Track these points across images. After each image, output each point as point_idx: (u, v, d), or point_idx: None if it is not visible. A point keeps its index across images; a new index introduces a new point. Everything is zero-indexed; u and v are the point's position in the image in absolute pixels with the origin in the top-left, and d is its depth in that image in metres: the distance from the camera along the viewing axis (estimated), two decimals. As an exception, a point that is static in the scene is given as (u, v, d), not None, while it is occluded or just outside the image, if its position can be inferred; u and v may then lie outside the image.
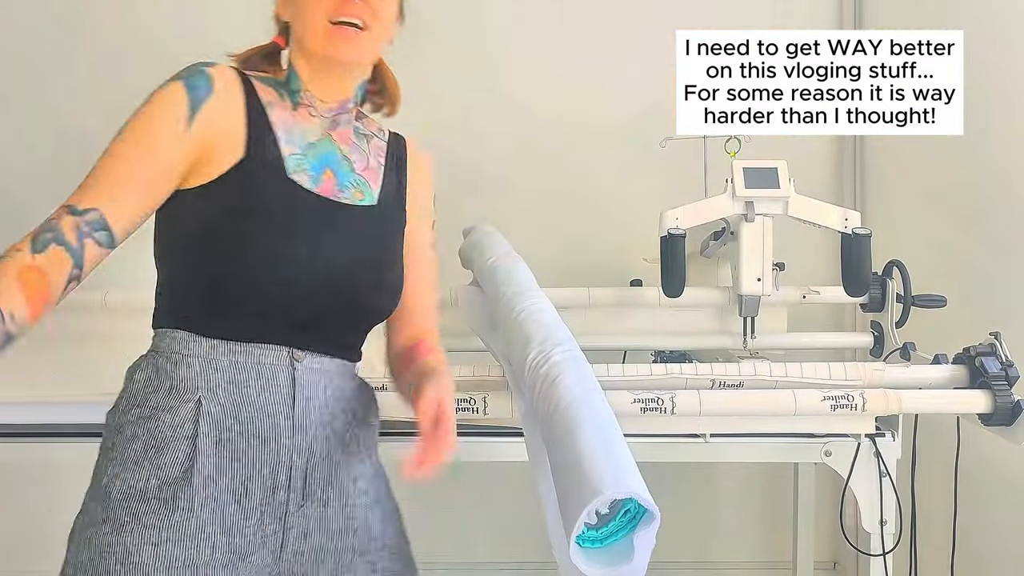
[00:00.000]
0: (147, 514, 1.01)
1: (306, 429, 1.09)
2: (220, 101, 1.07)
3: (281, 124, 1.11)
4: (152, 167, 1.03)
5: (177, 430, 1.04)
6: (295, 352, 1.10)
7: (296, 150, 1.12)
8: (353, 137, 1.20)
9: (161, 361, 1.08)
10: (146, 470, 1.03)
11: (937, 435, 1.76)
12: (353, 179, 1.17)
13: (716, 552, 2.55)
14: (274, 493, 1.08)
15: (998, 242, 1.96)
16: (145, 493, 1.02)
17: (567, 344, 1.26)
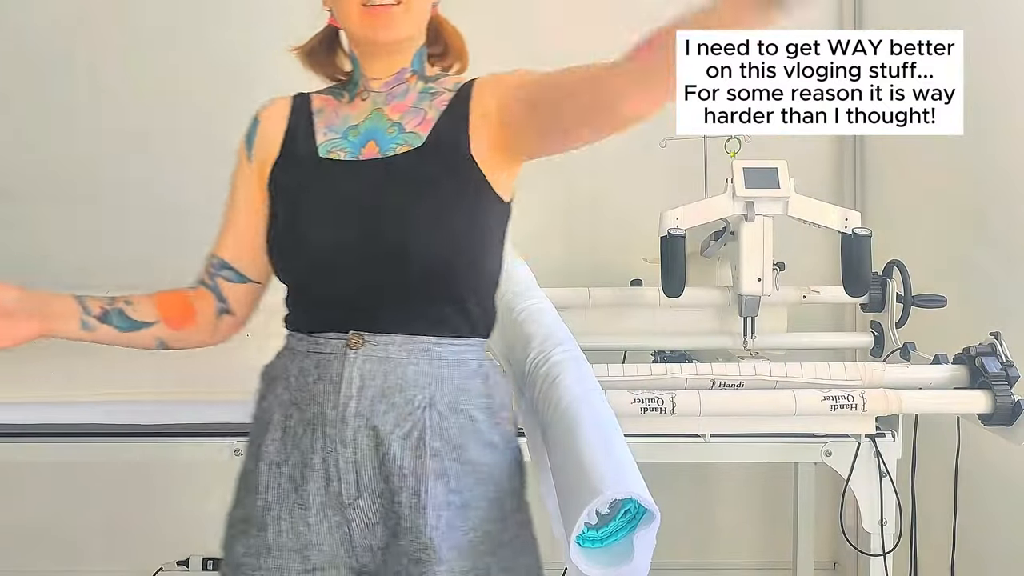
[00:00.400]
0: (242, 491, 1.12)
1: (349, 421, 1.06)
2: (265, 126, 1.17)
3: (325, 122, 1.16)
4: (241, 209, 1.18)
5: (264, 414, 1.12)
6: (353, 338, 1.07)
7: (335, 135, 1.15)
8: (414, 102, 1.15)
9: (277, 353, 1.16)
10: (249, 451, 1.14)
11: (937, 435, 1.76)
12: (402, 138, 1.12)
13: (716, 552, 2.55)
14: (328, 483, 1.07)
15: (998, 242, 1.96)
16: (246, 473, 1.13)
17: (567, 344, 1.26)
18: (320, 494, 1.07)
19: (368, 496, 1.07)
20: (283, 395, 1.11)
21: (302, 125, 1.17)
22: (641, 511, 0.97)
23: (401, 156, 1.10)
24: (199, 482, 2.19)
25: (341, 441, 1.06)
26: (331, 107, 1.18)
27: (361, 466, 1.07)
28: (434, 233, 1.06)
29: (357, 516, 1.08)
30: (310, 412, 1.08)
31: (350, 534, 1.08)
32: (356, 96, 1.17)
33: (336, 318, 1.09)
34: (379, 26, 1.09)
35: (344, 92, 1.19)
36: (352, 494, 1.07)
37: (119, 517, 2.44)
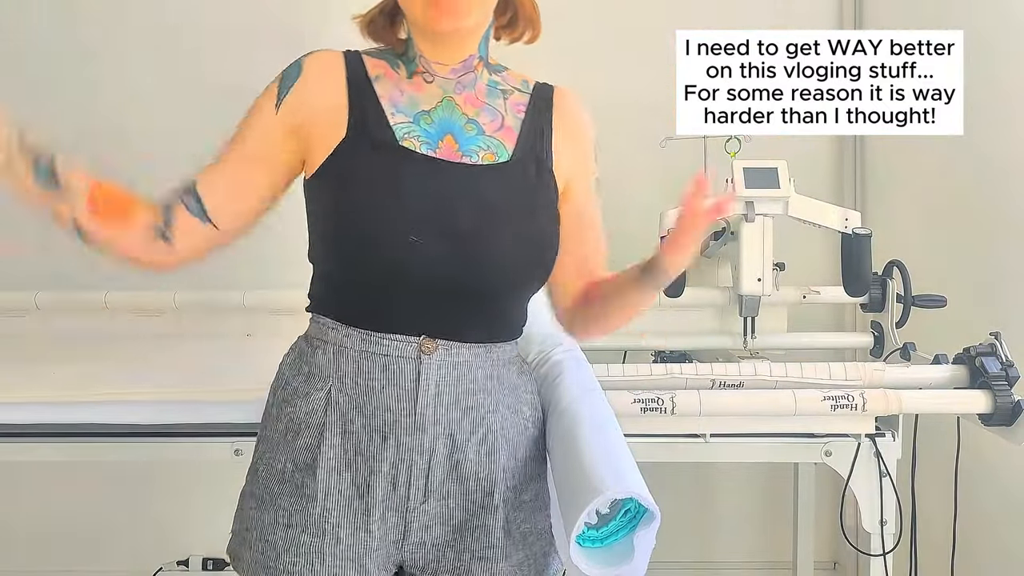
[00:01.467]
0: (282, 496, 1.05)
1: (427, 429, 1.04)
2: (311, 83, 1.06)
3: (388, 95, 1.06)
4: (242, 155, 1.07)
5: (310, 417, 1.05)
6: (426, 343, 1.03)
7: (406, 118, 1.06)
8: (485, 97, 1.10)
9: (304, 345, 1.09)
10: (284, 452, 1.06)
11: (937, 435, 1.76)
12: (483, 142, 1.07)
13: (716, 552, 2.55)
14: (395, 489, 1.05)
15: (998, 242, 1.96)
16: (283, 475, 1.05)
17: (567, 344, 1.26)
18: (386, 499, 1.05)
19: (436, 499, 1.06)
20: (337, 397, 1.04)
21: (365, 94, 1.06)
22: (641, 511, 0.97)
23: (491, 167, 1.06)
24: (199, 482, 2.20)
25: (418, 449, 1.04)
26: (391, 79, 1.08)
27: (433, 471, 1.05)
28: (520, 252, 1.05)
29: (419, 518, 1.06)
30: (380, 419, 1.03)
31: (405, 533, 1.06)
32: (416, 74, 1.08)
33: (406, 320, 1.03)
34: (444, 15, 1.01)
35: (400, 63, 1.09)
36: (419, 498, 1.05)
37: (119, 517, 2.44)
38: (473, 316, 1.06)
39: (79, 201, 1.01)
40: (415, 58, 1.08)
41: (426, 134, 1.05)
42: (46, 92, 2.45)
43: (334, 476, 1.04)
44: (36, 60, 2.46)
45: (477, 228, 1.02)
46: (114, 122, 2.42)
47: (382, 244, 1.00)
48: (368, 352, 1.03)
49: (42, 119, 0.96)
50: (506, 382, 1.09)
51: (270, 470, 1.06)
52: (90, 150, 1.07)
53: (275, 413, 1.09)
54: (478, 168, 1.05)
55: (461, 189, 1.04)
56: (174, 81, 2.39)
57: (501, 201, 1.05)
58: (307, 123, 1.05)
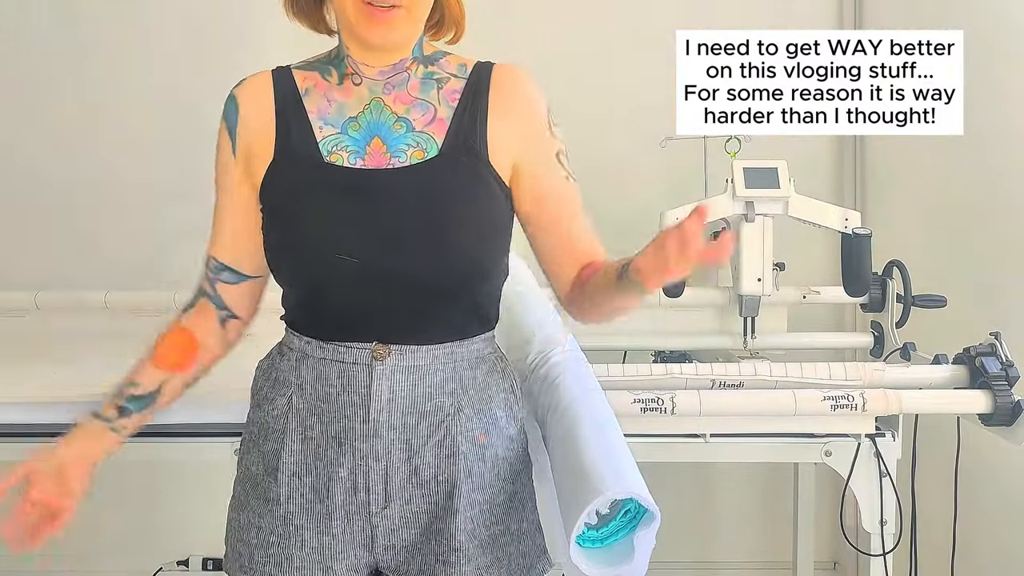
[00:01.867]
0: (254, 497, 1.08)
1: (382, 435, 1.04)
2: (247, 116, 1.07)
3: (317, 109, 1.06)
4: (231, 205, 1.10)
5: (275, 421, 1.08)
6: (378, 349, 1.03)
7: (334, 130, 1.05)
8: (418, 92, 1.07)
9: (275, 352, 1.12)
10: (255, 455, 1.09)
11: (937, 435, 1.76)
12: (411, 139, 1.05)
13: (716, 552, 2.55)
14: (355, 494, 1.05)
15: (998, 242, 1.96)
16: (255, 477, 1.09)
17: (567, 344, 1.26)
18: (346, 504, 1.05)
19: (397, 503, 1.06)
20: (298, 403, 1.06)
21: (293, 114, 1.05)
22: (641, 511, 0.97)
23: (417, 167, 1.03)
24: (199, 482, 2.19)
25: (373, 455, 1.04)
26: (320, 89, 1.07)
27: (392, 476, 1.05)
28: (459, 249, 1.03)
29: (383, 522, 1.06)
30: (336, 425, 1.05)
31: (373, 538, 1.07)
32: (346, 77, 1.07)
33: (357, 328, 1.04)
34: (376, 28, 0.99)
35: (331, 69, 1.08)
36: (380, 503, 1.06)
37: (119, 517, 2.44)
38: (420, 319, 1.05)
39: (171, 381, 1.15)
40: (344, 58, 1.06)
41: (353, 142, 1.04)
42: (45, 92, 2.46)
43: (295, 480, 1.06)
44: (34, 59, 2.47)
45: (401, 235, 1.01)
46: (112, 123, 2.43)
47: (311, 263, 1.03)
48: (326, 359, 1.05)
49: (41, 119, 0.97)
50: (471, 383, 1.08)
51: (246, 472, 1.10)
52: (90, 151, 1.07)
53: (250, 417, 1.12)
54: (403, 171, 1.03)
55: (384, 197, 1.02)
56: (174, 82, 2.39)
57: (428, 201, 1.02)
58: (250, 153, 1.07)
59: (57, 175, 2.47)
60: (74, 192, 2.47)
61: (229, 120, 1.08)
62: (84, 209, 2.46)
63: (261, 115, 1.07)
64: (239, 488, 1.11)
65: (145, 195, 2.42)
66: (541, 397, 1.17)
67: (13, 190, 2.45)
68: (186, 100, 2.37)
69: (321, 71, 1.09)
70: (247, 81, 1.09)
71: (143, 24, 2.44)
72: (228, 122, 1.08)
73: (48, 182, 2.47)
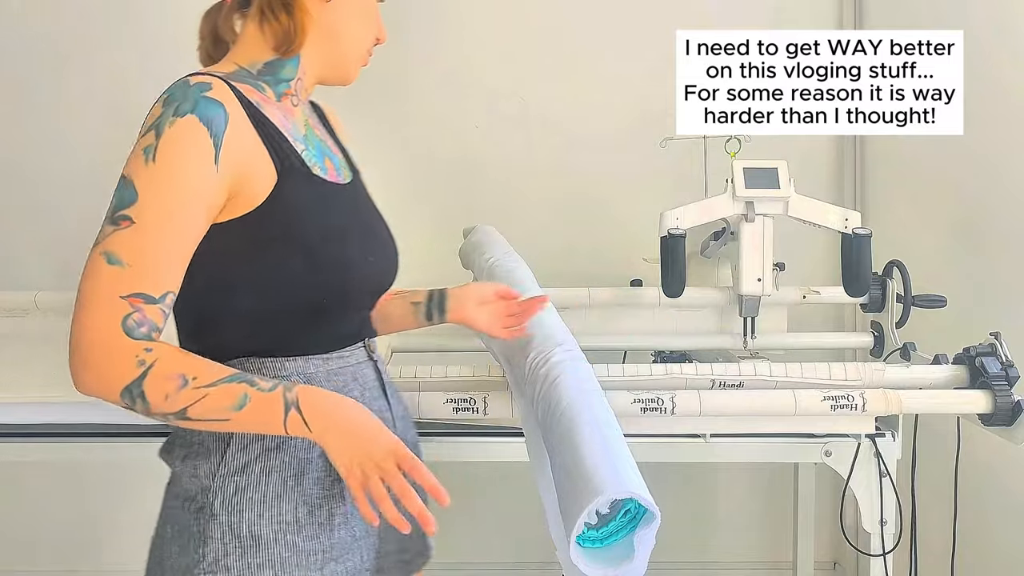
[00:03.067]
0: (306, 541, 0.99)
1: (399, 416, 1.14)
2: (236, 126, 0.96)
3: (280, 123, 1.03)
4: (198, 225, 0.93)
5: (311, 449, 1.00)
6: (369, 344, 1.12)
7: (302, 145, 1.05)
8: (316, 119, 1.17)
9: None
10: (291, 501, 0.99)
11: (937, 435, 1.76)
12: (337, 160, 1.14)
13: (716, 552, 2.55)
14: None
15: (998, 242, 1.96)
16: (298, 522, 0.99)
17: (567, 344, 1.26)
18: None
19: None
20: None
21: (268, 126, 1.00)
22: (641, 511, 0.97)
23: (356, 184, 1.15)
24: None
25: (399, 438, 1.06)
26: (267, 103, 1.03)
27: None
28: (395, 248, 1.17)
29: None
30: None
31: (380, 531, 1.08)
32: (285, 97, 1.07)
33: (354, 331, 1.10)
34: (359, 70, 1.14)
35: (263, 86, 1.05)
36: None
37: (120, 517, 2.44)
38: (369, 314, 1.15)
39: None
40: (290, 80, 1.07)
41: (316, 157, 1.07)
42: (45, 92, 2.46)
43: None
44: (35, 58, 2.47)
45: (388, 240, 1.15)
46: (113, 123, 2.43)
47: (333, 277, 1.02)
48: (333, 370, 1.05)
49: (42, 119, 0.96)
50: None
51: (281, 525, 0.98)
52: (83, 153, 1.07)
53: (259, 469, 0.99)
54: (353, 184, 1.14)
55: (364, 206, 1.14)
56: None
57: (380, 216, 1.16)
58: (243, 171, 0.96)
59: (58, 175, 2.47)
60: (75, 192, 2.47)
61: (216, 126, 0.93)
62: (85, 209, 2.46)
63: (247, 128, 0.97)
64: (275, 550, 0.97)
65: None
66: (541, 397, 1.17)
67: (13, 190, 2.46)
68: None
69: (254, 85, 1.03)
70: (221, 88, 0.96)
71: (142, 21, 2.44)
72: (214, 128, 0.93)
73: (48, 182, 2.47)
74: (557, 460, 1.06)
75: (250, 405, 0.90)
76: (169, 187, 0.91)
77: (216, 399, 0.89)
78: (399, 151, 2.42)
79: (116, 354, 0.87)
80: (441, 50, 2.41)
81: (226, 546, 0.96)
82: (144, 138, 0.92)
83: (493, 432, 1.57)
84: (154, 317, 0.90)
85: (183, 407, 0.89)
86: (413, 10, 2.40)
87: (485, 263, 1.58)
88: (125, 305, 0.88)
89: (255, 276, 0.98)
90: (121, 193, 0.91)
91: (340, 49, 1.09)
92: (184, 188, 0.91)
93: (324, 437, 0.93)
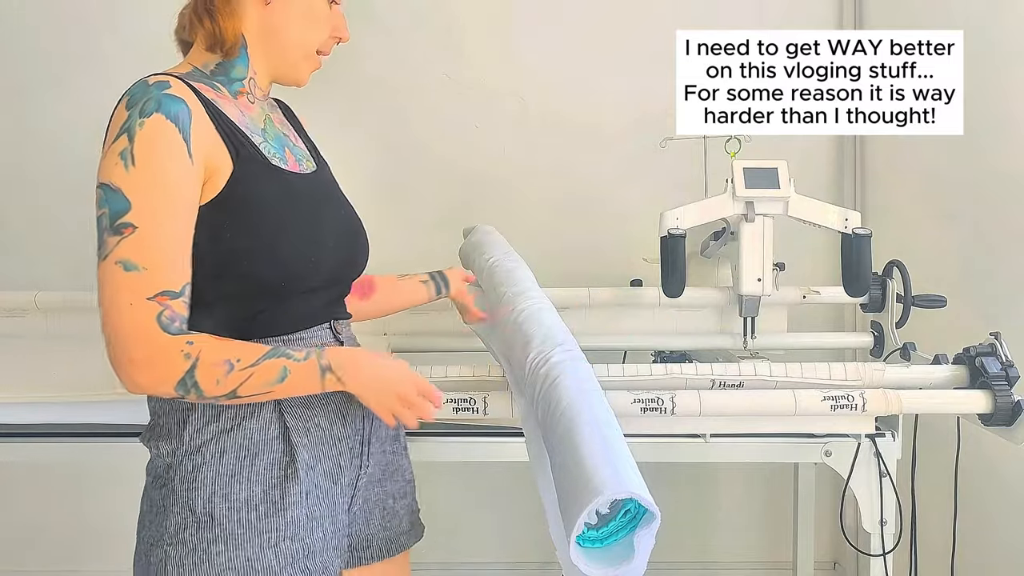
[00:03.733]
0: (260, 520, 1.04)
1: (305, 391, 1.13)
2: (197, 120, 1.02)
3: (235, 118, 1.08)
4: (189, 220, 1.01)
5: (266, 431, 1.07)
6: (336, 325, 1.17)
7: (260, 138, 1.11)
8: (280, 115, 1.24)
9: None
10: (244, 480, 1.04)
11: (937, 435, 1.76)
12: (299, 152, 1.20)
13: (716, 552, 2.55)
14: (352, 463, 1.14)
15: (998, 242, 1.96)
16: (251, 501, 1.04)
17: (567, 344, 1.26)
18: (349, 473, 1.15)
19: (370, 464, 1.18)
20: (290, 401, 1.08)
21: (223, 120, 1.06)
22: (641, 511, 0.97)
23: (319, 172, 1.20)
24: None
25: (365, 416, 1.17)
26: (223, 100, 1.09)
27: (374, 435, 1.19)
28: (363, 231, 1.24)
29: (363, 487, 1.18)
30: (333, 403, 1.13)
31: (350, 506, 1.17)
32: (240, 95, 1.13)
33: (319, 312, 1.14)
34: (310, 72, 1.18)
35: (217, 85, 1.11)
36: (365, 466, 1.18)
37: (119, 517, 2.43)
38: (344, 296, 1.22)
39: None
40: (242, 79, 1.14)
41: (275, 150, 1.13)
42: (45, 92, 2.46)
43: (310, 472, 1.09)
44: (36, 58, 2.47)
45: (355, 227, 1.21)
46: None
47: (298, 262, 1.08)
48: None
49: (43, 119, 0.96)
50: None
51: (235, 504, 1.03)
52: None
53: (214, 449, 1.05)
54: (318, 175, 1.19)
55: (327, 194, 1.19)
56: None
57: (345, 203, 1.22)
58: (208, 161, 1.02)
59: (58, 175, 2.47)
60: (75, 192, 2.47)
61: (182, 121, 0.99)
62: (85, 209, 2.46)
63: (206, 121, 1.03)
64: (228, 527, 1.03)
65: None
66: (541, 397, 1.17)
67: (14, 190, 2.46)
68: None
69: (209, 84, 1.10)
70: (180, 86, 1.02)
71: (146, 23, 2.44)
72: (181, 123, 0.99)
73: (49, 182, 2.47)
74: (557, 460, 1.07)
75: (291, 377, 1.01)
76: (155, 186, 0.97)
77: (261, 376, 0.99)
78: (399, 151, 2.42)
79: (162, 353, 0.96)
80: (441, 50, 2.41)
81: (184, 520, 1.03)
82: (116, 143, 0.97)
83: (493, 432, 1.57)
84: (180, 310, 0.98)
85: (233, 388, 0.99)
86: (413, 10, 2.41)
87: (485, 263, 1.58)
88: (154, 305, 0.96)
89: (216, 260, 1.02)
90: (110, 202, 0.96)
91: (284, 50, 1.14)
92: (169, 184, 0.97)
93: (359, 389, 1.06)
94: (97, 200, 0.98)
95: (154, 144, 0.97)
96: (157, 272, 0.96)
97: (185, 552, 1.02)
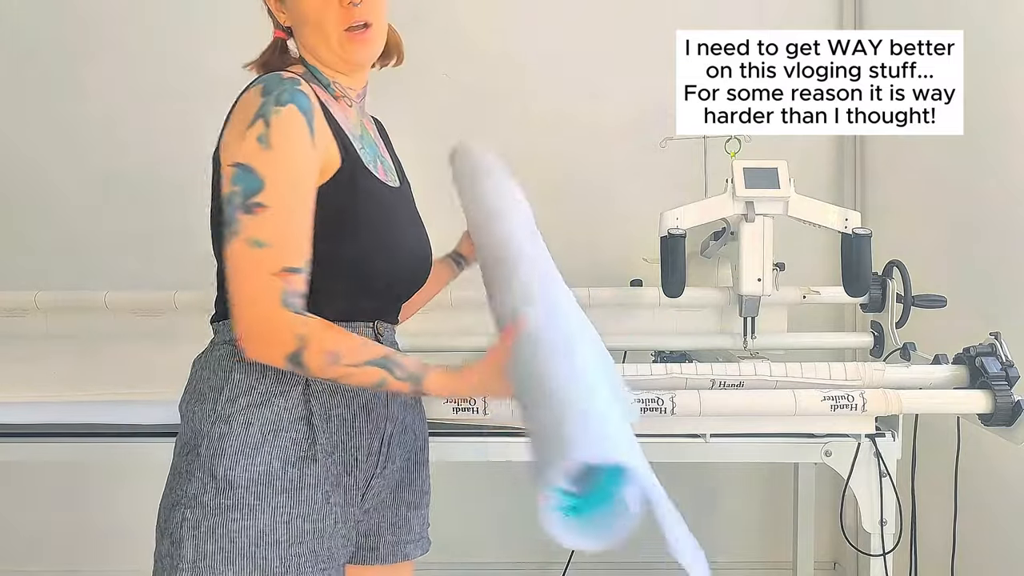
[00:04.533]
0: (275, 495, 1.07)
1: (400, 403, 1.19)
2: (319, 116, 1.09)
3: (341, 121, 1.15)
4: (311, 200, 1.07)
5: (292, 411, 1.09)
6: (379, 325, 1.19)
7: (360, 144, 1.17)
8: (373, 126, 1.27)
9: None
10: (266, 453, 1.07)
11: (937, 435, 1.76)
12: (387, 164, 1.24)
13: (716, 552, 2.55)
14: (368, 459, 1.15)
15: (998, 242, 1.96)
16: (270, 475, 1.07)
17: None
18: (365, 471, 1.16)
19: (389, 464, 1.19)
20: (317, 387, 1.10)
21: (333, 121, 1.13)
22: (616, 471, 0.88)
23: (404, 191, 1.26)
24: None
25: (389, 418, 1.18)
26: (331, 103, 1.16)
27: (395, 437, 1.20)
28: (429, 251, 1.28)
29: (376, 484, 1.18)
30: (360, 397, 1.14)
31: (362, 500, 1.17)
32: (338, 97, 1.18)
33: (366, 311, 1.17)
34: (360, 48, 1.14)
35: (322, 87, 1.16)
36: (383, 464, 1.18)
37: (119, 517, 2.44)
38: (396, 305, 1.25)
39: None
40: (329, 84, 1.17)
41: (370, 158, 1.18)
42: (45, 93, 2.46)
43: (328, 459, 1.11)
44: (37, 60, 2.47)
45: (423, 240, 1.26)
46: (113, 125, 2.43)
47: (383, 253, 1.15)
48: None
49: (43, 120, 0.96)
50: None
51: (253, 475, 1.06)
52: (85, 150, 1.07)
53: (242, 419, 1.08)
54: (402, 192, 1.25)
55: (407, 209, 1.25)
56: (174, 84, 2.39)
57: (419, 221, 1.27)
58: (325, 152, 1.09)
59: (58, 175, 2.47)
60: (75, 192, 2.47)
61: (308, 114, 1.06)
62: (85, 209, 2.47)
63: (323, 119, 1.10)
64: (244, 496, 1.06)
65: (146, 196, 2.42)
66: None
67: (14, 190, 2.46)
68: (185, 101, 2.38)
69: (320, 86, 1.15)
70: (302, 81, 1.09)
71: (144, 25, 2.44)
72: (308, 115, 1.06)
73: (49, 182, 2.47)
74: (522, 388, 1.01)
75: (385, 387, 1.05)
76: (286, 170, 1.04)
77: (358, 379, 1.03)
78: (398, 151, 2.42)
79: (277, 329, 1.01)
80: (441, 50, 2.41)
81: (205, 484, 1.06)
82: (253, 127, 1.04)
83: (493, 432, 1.57)
84: (300, 286, 1.03)
85: (333, 377, 1.03)
86: (413, 10, 2.40)
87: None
88: (278, 280, 1.01)
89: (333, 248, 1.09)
90: (245, 180, 1.03)
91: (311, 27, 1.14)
92: (298, 169, 1.05)
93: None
94: (230, 177, 1.03)
95: (288, 132, 1.04)
96: (283, 249, 1.02)
97: (202, 515, 1.05)
